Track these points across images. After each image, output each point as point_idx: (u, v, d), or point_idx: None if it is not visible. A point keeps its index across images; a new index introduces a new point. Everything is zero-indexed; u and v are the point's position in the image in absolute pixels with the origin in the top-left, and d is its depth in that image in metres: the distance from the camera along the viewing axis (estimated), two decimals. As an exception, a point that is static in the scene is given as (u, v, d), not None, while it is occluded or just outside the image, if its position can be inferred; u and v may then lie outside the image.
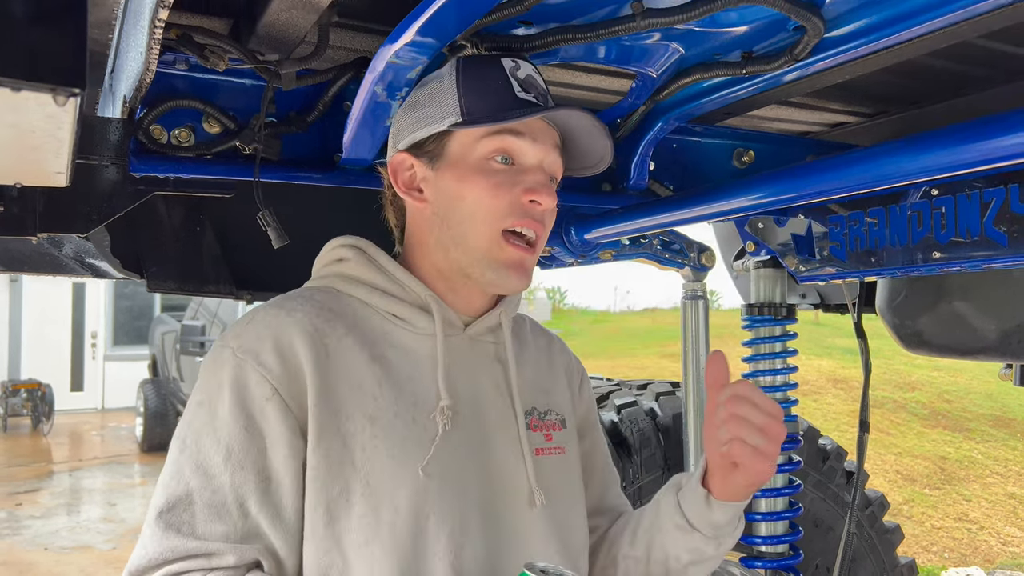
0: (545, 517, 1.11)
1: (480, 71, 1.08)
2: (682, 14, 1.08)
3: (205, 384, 1.02)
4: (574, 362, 1.35)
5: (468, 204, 1.06)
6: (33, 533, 6.71)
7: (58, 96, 0.71)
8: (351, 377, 1.03)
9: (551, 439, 1.18)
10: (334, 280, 1.13)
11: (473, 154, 1.07)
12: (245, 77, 1.46)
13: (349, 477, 0.99)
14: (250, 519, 0.97)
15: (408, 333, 1.10)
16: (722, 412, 1.05)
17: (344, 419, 1.01)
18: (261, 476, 0.98)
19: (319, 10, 1.13)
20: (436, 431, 1.04)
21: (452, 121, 1.06)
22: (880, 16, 1.09)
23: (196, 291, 1.72)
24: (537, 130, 1.08)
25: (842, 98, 1.82)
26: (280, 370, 1.00)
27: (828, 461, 2.85)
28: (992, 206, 1.45)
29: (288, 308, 1.05)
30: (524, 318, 1.34)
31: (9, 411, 11.56)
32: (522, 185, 1.06)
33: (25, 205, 1.37)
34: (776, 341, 2.15)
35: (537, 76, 1.12)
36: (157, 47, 1.02)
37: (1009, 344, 2.12)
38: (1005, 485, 8.07)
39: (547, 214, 1.10)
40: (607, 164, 1.17)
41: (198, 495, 0.97)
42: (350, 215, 1.72)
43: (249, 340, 1.02)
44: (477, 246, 1.07)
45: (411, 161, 1.12)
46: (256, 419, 0.98)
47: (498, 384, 1.15)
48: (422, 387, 1.07)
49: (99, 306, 14.36)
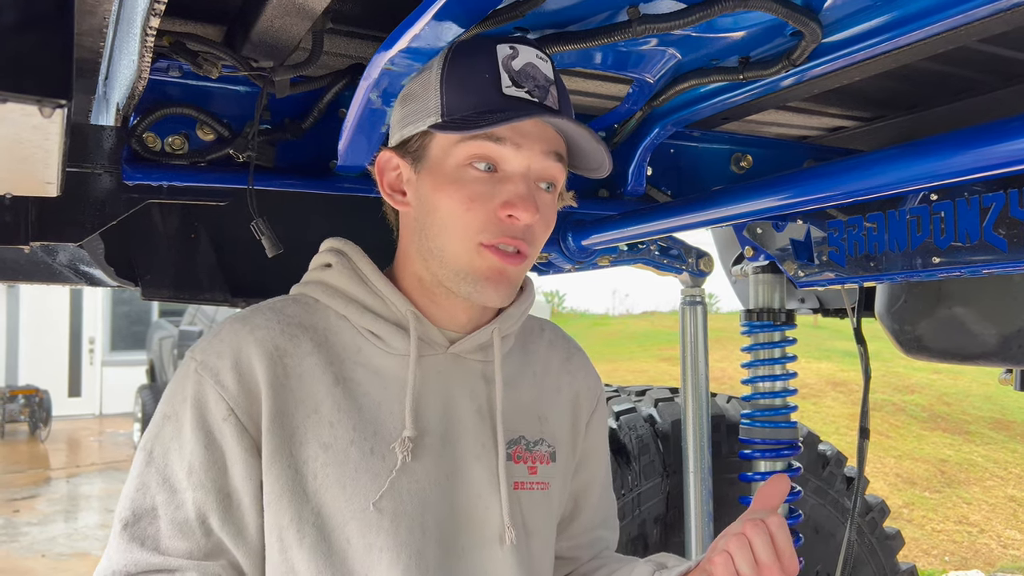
0: (516, 556, 1.04)
1: (468, 62, 0.97)
2: (679, 20, 1.07)
3: (171, 397, 1.00)
4: (590, 386, 1.23)
5: (442, 216, 0.98)
6: (31, 540, 6.68)
7: (44, 107, 0.70)
8: (308, 401, 0.99)
9: (535, 472, 1.09)
10: (314, 288, 1.08)
11: (449, 160, 0.97)
12: (239, 84, 1.45)
13: (300, 507, 0.96)
14: (213, 536, 0.96)
15: (381, 352, 1.04)
16: (737, 527, 0.96)
17: (297, 445, 0.97)
18: (222, 494, 0.96)
19: (313, 17, 1.12)
20: (395, 463, 0.98)
21: (432, 121, 0.96)
22: (878, 21, 1.08)
23: (191, 299, 1.70)
24: (524, 133, 0.96)
25: (840, 102, 1.82)
26: (236, 390, 0.97)
27: (828, 467, 2.83)
28: (992, 211, 1.45)
29: (252, 324, 1.01)
30: (544, 327, 1.24)
31: (6, 417, 11.52)
32: (500, 198, 0.95)
33: (17, 214, 1.36)
34: (775, 347, 2.14)
35: (540, 63, 0.99)
36: (149, 54, 1.01)
37: (1009, 349, 2.11)
38: (1005, 488, 8.06)
39: (532, 229, 0.98)
40: (607, 170, 1.07)
41: (163, 510, 0.96)
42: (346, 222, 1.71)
43: (211, 357, 0.98)
44: (455, 260, 0.98)
45: (397, 161, 1.03)
46: (216, 437, 0.96)
47: (480, 408, 1.07)
48: (387, 414, 1.01)
49: (97, 311, 14.33)
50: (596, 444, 1.25)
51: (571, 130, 0.99)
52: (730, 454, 2.62)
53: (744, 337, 2.21)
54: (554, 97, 0.99)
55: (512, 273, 0.99)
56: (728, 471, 2.57)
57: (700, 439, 2.40)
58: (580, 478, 1.23)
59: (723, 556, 0.94)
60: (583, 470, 1.23)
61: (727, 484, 2.54)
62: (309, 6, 1.08)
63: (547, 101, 0.97)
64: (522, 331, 1.19)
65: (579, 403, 1.20)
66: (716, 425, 2.58)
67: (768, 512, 0.97)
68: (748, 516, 0.97)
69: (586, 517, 1.25)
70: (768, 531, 0.93)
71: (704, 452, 2.41)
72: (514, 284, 1.01)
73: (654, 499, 2.56)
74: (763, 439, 2.18)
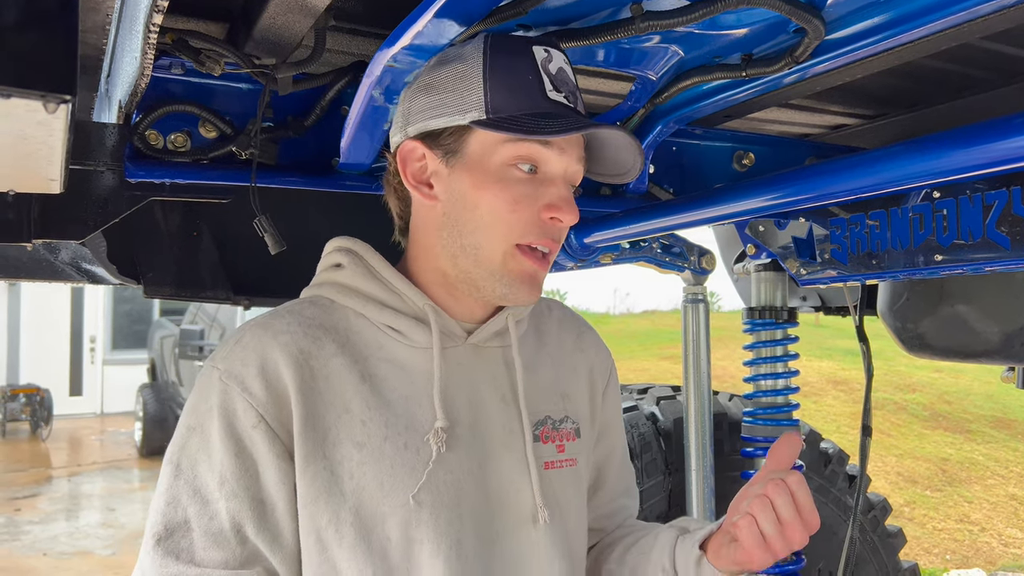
0: (551, 534, 1.06)
1: (510, 60, 0.97)
2: (682, 17, 1.07)
3: (195, 408, 0.99)
4: (602, 360, 1.26)
5: (483, 215, 0.98)
6: (32, 539, 6.69)
7: (48, 103, 0.70)
8: (339, 401, 0.99)
9: (563, 450, 1.11)
10: (328, 289, 1.08)
11: (494, 158, 0.97)
12: (241, 81, 1.46)
13: (338, 506, 0.96)
14: (248, 544, 0.96)
15: (404, 347, 1.04)
16: (758, 488, 0.98)
17: (331, 446, 0.97)
18: (255, 501, 0.96)
19: (316, 14, 1.12)
20: (430, 455, 0.99)
21: (475, 117, 0.95)
22: (881, 18, 1.08)
23: (193, 297, 1.70)
24: (567, 138, 0.98)
25: (843, 100, 1.82)
26: (265, 396, 0.96)
27: (830, 465, 2.84)
28: (994, 209, 1.44)
29: (275, 329, 1.01)
30: (551, 306, 1.26)
31: (8, 416, 11.53)
32: (544, 200, 0.98)
33: (20, 211, 1.36)
34: (777, 345, 2.14)
35: (568, 68, 1.01)
36: (152, 52, 1.02)
37: (1012, 347, 2.11)
38: (1006, 486, 8.06)
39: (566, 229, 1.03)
40: (634, 178, 1.08)
41: (196, 522, 0.95)
42: (348, 219, 1.71)
43: (235, 364, 0.98)
44: (490, 259, 0.99)
45: (423, 151, 1.01)
46: (246, 445, 0.96)
47: (504, 395, 1.08)
48: (416, 407, 1.01)
49: (98, 310, 14.34)
50: (612, 414, 1.27)
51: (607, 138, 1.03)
52: (732, 452, 2.62)
53: (746, 335, 2.21)
54: (581, 102, 1.02)
55: (541, 276, 1.03)
56: (730, 469, 2.58)
57: (702, 437, 2.40)
58: (600, 449, 1.25)
59: (746, 519, 0.97)
60: (603, 441, 1.25)
61: (729, 482, 2.54)
62: (311, 4, 1.08)
63: (578, 106, 1.01)
64: (533, 313, 1.20)
65: (594, 377, 1.23)
66: (718, 423, 2.58)
67: (786, 472, 0.98)
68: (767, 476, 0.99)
69: (609, 487, 1.28)
70: (788, 489, 0.96)
71: (706, 450, 2.41)
72: (542, 286, 1.05)
73: (656, 497, 2.56)
74: (765, 437, 2.18)
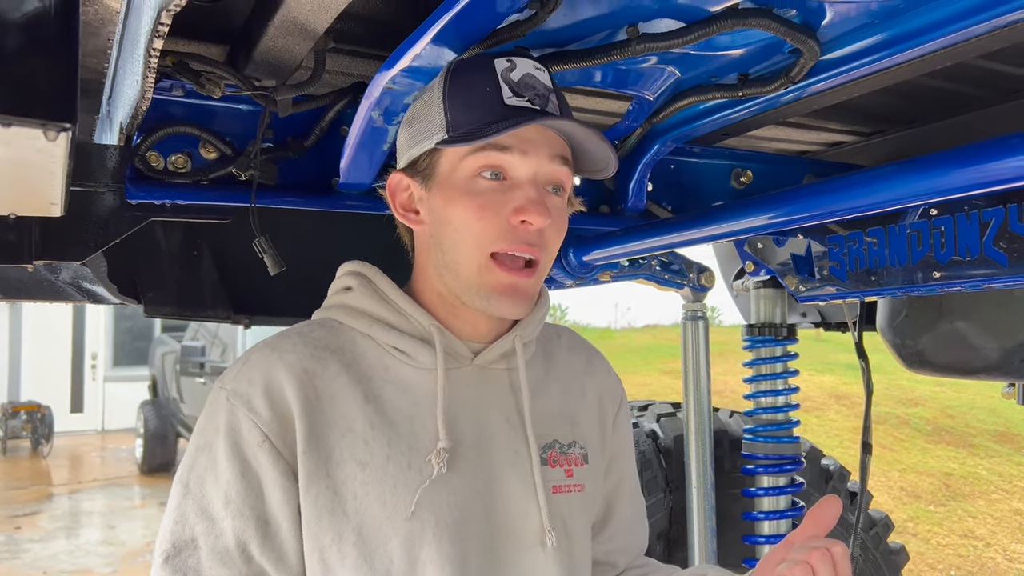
0: (558, 558, 1.05)
1: (468, 78, 0.99)
2: (678, 38, 1.08)
3: (204, 428, 1.01)
4: (612, 387, 1.25)
5: (456, 227, 0.99)
6: (32, 556, 6.66)
7: (48, 131, 0.70)
8: (341, 421, 0.99)
9: (571, 475, 1.10)
10: (337, 311, 1.09)
11: (459, 173, 0.99)
12: (242, 103, 1.47)
13: (341, 526, 0.97)
14: (253, 563, 0.96)
15: (409, 368, 1.04)
16: (800, 555, 0.91)
17: (335, 465, 0.98)
18: (260, 521, 0.97)
19: (315, 36, 1.13)
20: (431, 474, 0.99)
21: (439, 138, 0.98)
22: (876, 38, 1.09)
23: (194, 316, 1.71)
24: (528, 140, 0.97)
25: (839, 118, 1.83)
26: (270, 416, 0.97)
27: (831, 482, 2.82)
28: (992, 226, 1.45)
29: (281, 350, 1.02)
30: (561, 332, 1.25)
31: (8, 433, 11.49)
32: (511, 204, 0.97)
33: (21, 233, 1.37)
34: (777, 361, 2.14)
35: (538, 73, 1.01)
36: (153, 75, 1.02)
37: (1011, 363, 2.11)
38: (1011, 501, 8.01)
39: (544, 233, 1.00)
40: (613, 168, 1.07)
41: (202, 540, 0.96)
42: (349, 240, 1.72)
43: (241, 385, 0.99)
44: (468, 273, 1.00)
45: (407, 181, 1.05)
46: (251, 464, 0.97)
47: (510, 417, 1.07)
48: (420, 427, 1.01)
49: (99, 327, 14.33)
50: (623, 443, 1.26)
51: (574, 131, 1.00)
52: (733, 469, 2.61)
53: (746, 351, 2.21)
54: (555, 104, 1.00)
55: (525, 286, 1.00)
56: (731, 486, 2.56)
57: (702, 454, 2.39)
58: (611, 479, 1.24)
59: None
60: (613, 470, 1.24)
61: (730, 500, 2.53)
62: (311, 26, 1.09)
63: (548, 108, 0.99)
64: (542, 338, 1.20)
65: (604, 404, 1.22)
66: (719, 440, 2.57)
67: (830, 540, 0.93)
68: (806, 542, 0.93)
69: (620, 518, 1.26)
70: (833, 561, 0.90)
71: (707, 467, 2.40)
72: (530, 296, 1.02)
73: (657, 515, 2.55)
74: (766, 454, 2.17)
